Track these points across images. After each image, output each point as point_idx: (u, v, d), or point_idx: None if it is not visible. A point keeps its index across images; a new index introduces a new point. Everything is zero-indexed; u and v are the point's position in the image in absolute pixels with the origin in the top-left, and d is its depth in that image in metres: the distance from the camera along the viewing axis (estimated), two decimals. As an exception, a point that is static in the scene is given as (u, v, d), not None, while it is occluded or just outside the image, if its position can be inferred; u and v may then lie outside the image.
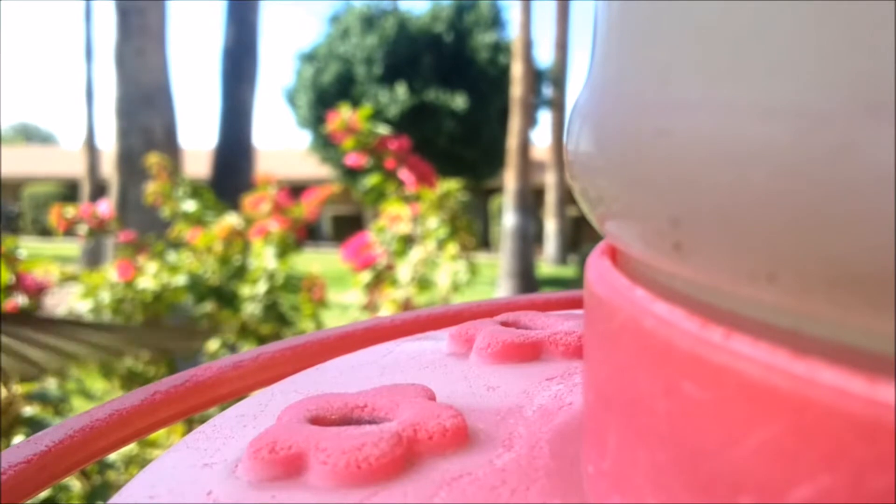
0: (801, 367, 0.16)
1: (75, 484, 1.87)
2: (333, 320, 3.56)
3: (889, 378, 0.15)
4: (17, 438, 1.70)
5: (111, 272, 2.64)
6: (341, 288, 3.55)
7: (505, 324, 0.38)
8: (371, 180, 2.99)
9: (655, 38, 0.20)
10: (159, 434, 1.94)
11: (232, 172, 8.13)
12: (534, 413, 0.29)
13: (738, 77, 0.18)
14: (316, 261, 4.28)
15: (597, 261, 0.25)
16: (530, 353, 0.35)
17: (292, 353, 0.40)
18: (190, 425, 1.91)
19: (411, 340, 0.40)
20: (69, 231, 2.92)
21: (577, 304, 0.48)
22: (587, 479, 0.24)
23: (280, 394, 0.32)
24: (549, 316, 0.39)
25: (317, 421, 0.27)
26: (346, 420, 0.27)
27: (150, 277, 2.62)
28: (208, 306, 2.74)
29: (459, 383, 0.32)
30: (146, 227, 3.87)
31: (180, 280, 2.67)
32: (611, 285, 0.22)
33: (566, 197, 12.31)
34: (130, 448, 1.99)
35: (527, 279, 8.53)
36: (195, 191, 3.07)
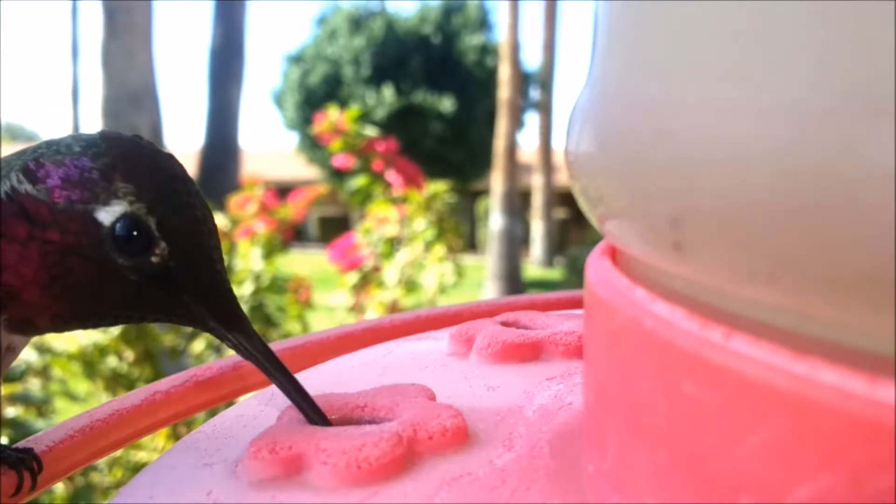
0: (801, 367, 0.16)
1: (58, 485, 1.85)
2: (320, 321, 3.54)
3: (889, 378, 0.15)
4: (1, 440, 1.69)
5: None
6: (328, 289, 3.54)
7: (505, 324, 0.38)
8: (358, 182, 2.99)
9: (655, 39, 0.20)
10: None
11: (218, 173, 8.09)
12: (534, 413, 0.29)
13: (737, 77, 0.18)
14: (302, 262, 4.27)
15: (597, 261, 0.25)
16: (530, 353, 0.35)
17: (292, 354, 0.39)
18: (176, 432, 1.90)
19: (411, 340, 0.40)
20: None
21: (577, 304, 0.48)
22: (587, 479, 0.24)
23: (280, 394, 0.31)
24: (549, 316, 0.39)
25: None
26: (346, 420, 0.27)
27: (135, 278, 2.59)
28: (194, 307, 2.72)
29: (459, 383, 0.32)
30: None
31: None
32: (611, 285, 0.22)
33: (553, 199, 12.32)
34: (115, 450, 1.97)
35: (513, 281, 8.53)
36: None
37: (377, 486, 0.24)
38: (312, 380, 0.32)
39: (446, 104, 13.43)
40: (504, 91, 8.48)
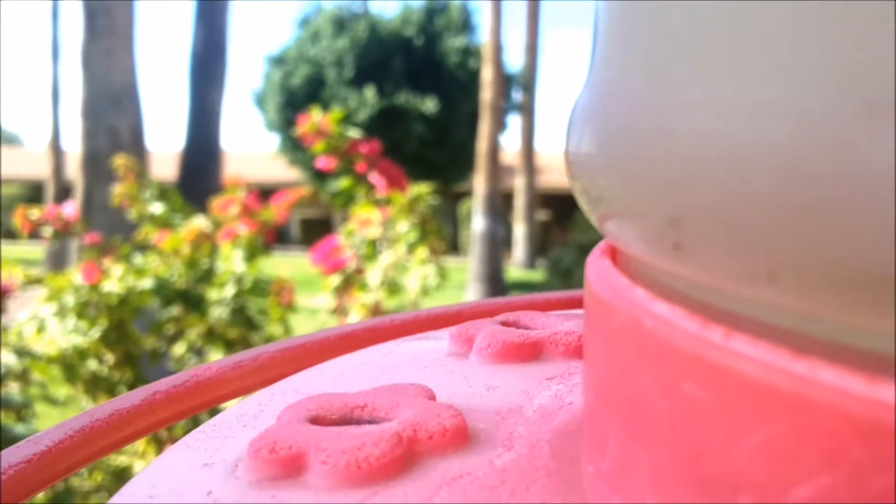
0: (801, 367, 0.16)
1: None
2: (302, 324, 3.53)
3: (889, 378, 0.15)
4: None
5: (76, 275, 2.59)
6: (310, 292, 3.52)
7: (505, 324, 0.38)
8: (341, 184, 2.97)
9: (655, 38, 0.21)
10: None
11: (200, 175, 8.05)
12: (534, 413, 0.29)
13: (737, 77, 0.18)
14: (284, 264, 4.25)
15: (597, 261, 0.25)
16: (530, 353, 0.35)
17: (292, 353, 0.39)
18: (160, 444, 1.89)
19: (411, 340, 0.40)
20: (34, 233, 2.88)
21: (577, 304, 0.48)
22: (587, 479, 0.24)
23: (280, 394, 0.31)
24: (549, 316, 0.39)
25: (317, 421, 0.27)
26: (346, 420, 0.27)
27: (115, 280, 2.57)
28: (175, 310, 2.70)
29: (459, 383, 0.32)
30: (112, 230, 3.81)
31: (146, 283, 2.62)
32: (611, 285, 0.22)
33: (535, 201, 12.36)
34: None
35: (495, 283, 8.54)
36: (162, 193, 3.04)
37: (377, 486, 0.23)
38: (313, 379, 0.32)
39: (429, 106, 13.43)
40: (486, 93, 8.49)
